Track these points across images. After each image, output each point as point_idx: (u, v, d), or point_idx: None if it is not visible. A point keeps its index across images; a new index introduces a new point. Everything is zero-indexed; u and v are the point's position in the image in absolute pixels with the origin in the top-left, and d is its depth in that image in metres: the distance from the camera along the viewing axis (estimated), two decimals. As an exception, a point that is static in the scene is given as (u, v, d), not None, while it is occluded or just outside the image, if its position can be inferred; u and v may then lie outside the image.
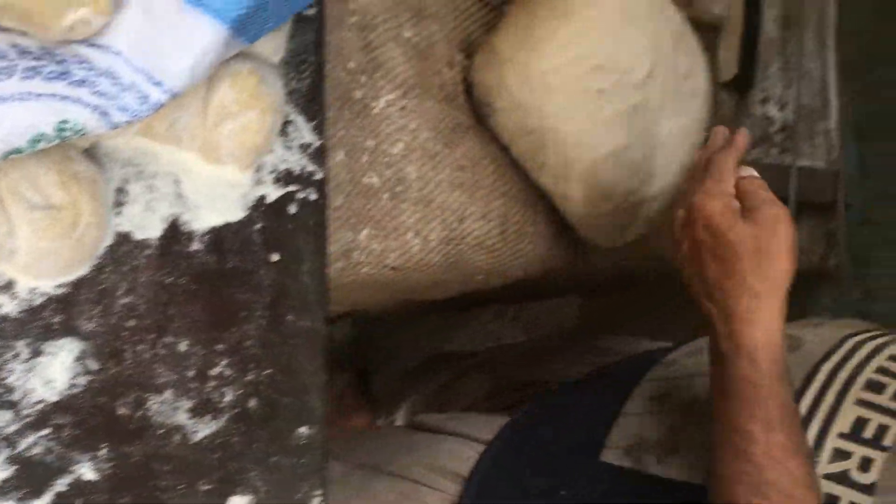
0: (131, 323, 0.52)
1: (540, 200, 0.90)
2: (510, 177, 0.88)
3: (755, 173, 0.63)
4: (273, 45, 0.57)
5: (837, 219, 1.30)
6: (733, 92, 1.19)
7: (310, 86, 0.61)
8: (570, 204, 0.87)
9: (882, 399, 0.63)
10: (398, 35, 0.81)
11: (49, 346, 0.49)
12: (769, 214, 0.59)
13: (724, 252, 0.59)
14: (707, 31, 1.10)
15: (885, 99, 1.29)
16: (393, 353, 1.78)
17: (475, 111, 0.85)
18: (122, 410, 0.52)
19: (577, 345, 1.07)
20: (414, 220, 0.81)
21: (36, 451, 0.49)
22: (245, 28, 0.50)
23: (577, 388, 0.87)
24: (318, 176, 0.61)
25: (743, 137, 0.65)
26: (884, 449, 0.60)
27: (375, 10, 0.79)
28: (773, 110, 1.25)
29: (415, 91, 0.82)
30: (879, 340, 0.70)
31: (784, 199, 0.63)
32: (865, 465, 0.60)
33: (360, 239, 0.78)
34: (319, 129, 0.61)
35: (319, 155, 0.61)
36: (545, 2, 0.81)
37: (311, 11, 0.61)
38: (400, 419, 1.35)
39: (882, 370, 0.65)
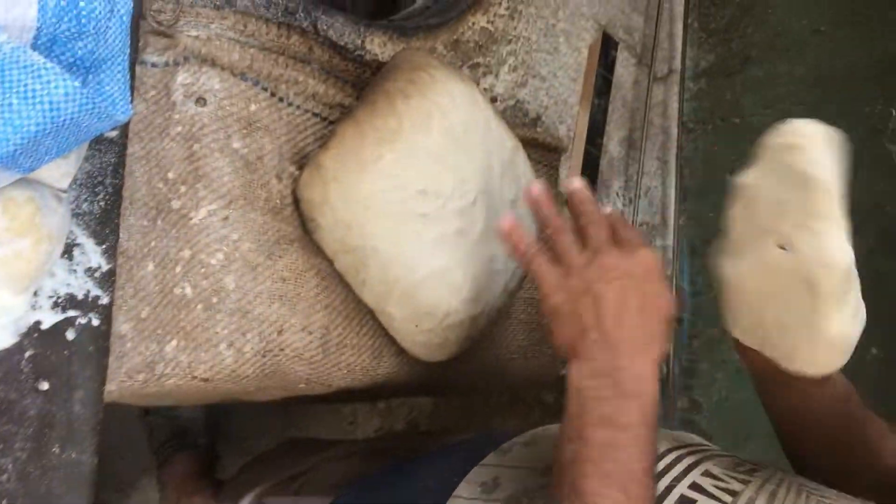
0: None
1: (366, 313, 0.91)
2: (334, 289, 0.89)
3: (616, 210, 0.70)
4: (60, 171, 0.57)
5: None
6: (574, 208, 1.24)
7: (103, 209, 0.60)
8: (392, 321, 0.88)
9: (692, 515, 0.64)
10: (226, 146, 0.81)
11: None
12: (643, 261, 0.65)
13: (599, 305, 0.62)
14: (549, 151, 1.16)
15: (713, 223, 1.38)
16: (242, 435, 1.73)
17: (303, 223, 0.86)
18: None
19: (429, 442, 1.08)
20: (228, 331, 0.81)
21: None
22: (16, 161, 0.50)
23: (416, 465, 0.88)
24: (104, 301, 0.60)
25: (577, 186, 0.71)
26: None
27: (204, 120, 0.80)
28: (612, 226, 1.31)
29: (239, 202, 0.82)
30: (698, 456, 0.73)
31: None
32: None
33: (166, 351, 0.76)
34: (109, 253, 0.60)
35: (107, 279, 0.60)
36: (375, 123, 0.83)
37: (114, 133, 0.61)
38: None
39: (695, 486, 0.67)
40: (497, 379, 1.14)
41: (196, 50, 0.78)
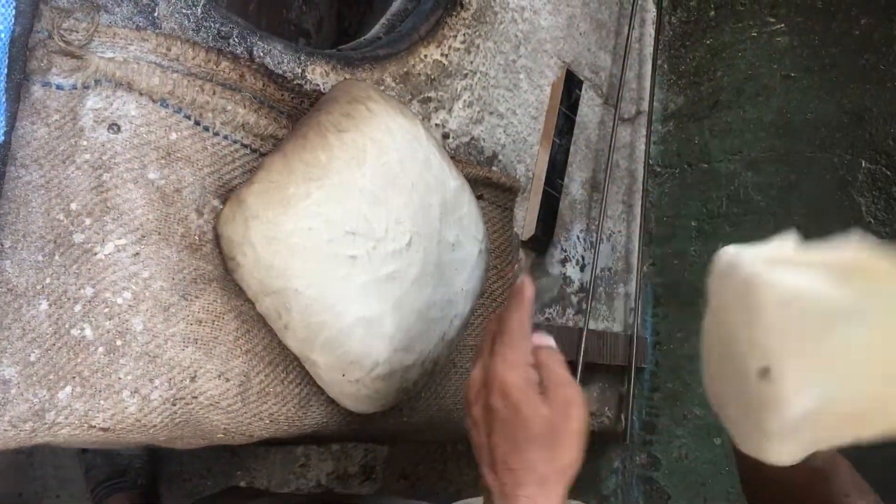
0: None
1: (292, 359, 0.85)
2: (256, 333, 0.83)
3: (552, 343, 0.64)
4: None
5: (629, 384, 1.31)
6: (531, 251, 1.19)
7: (-29, 244, 0.54)
8: (317, 369, 0.82)
9: None
10: (140, 176, 0.75)
11: None
12: (563, 396, 0.59)
13: (517, 428, 0.58)
14: (504, 191, 1.11)
15: (678, 270, 1.33)
16: (185, 477, 1.65)
17: (224, 262, 0.80)
18: None
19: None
20: (133, 377, 0.74)
21: None
22: None
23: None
24: (-35, 347, 0.53)
25: (527, 289, 0.65)
26: None
27: (116, 148, 0.74)
28: (572, 271, 1.26)
29: (153, 237, 0.76)
30: None
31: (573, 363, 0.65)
32: None
33: (59, 398, 0.70)
34: (-24, 293, 0.54)
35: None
36: (304, 157, 0.78)
37: (-11, 160, 0.55)
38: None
39: None
40: (444, 430, 1.07)
41: (110, 72, 0.73)
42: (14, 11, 0.51)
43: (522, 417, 0.58)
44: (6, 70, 0.52)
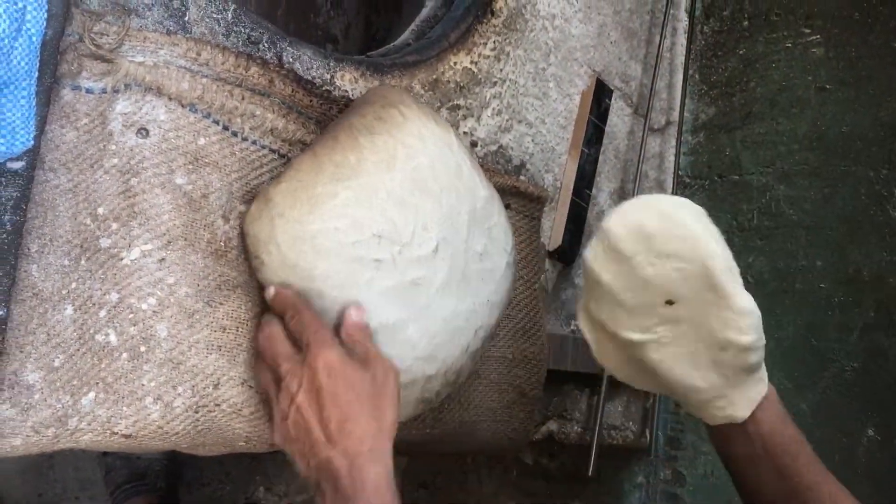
0: None
1: (315, 368, 0.84)
2: (281, 342, 0.82)
3: (356, 317, 0.74)
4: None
5: (654, 399, 1.29)
6: (557, 262, 1.17)
7: (-3, 249, 0.54)
8: None
9: None
10: (168, 181, 0.75)
11: None
12: (381, 364, 0.71)
13: (348, 395, 0.67)
14: (532, 201, 1.09)
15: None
16: (204, 482, 1.65)
17: (249, 261, 0.79)
18: None
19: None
20: (156, 384, 0.73)
21: None
22: None
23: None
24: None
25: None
26: None
27: (144, 153, 0.73)
28: (598, 283, 1.24)
29: (178, 242, 0.75)
30: None
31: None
32: None
33: (82, 404, 0.69)
34: (2, 300, 0.54)
35: (-4, 329, 0.53)
36: (334, 158, 0.77)
37: (18, 164, 0.55)
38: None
39: None
40: (465, 442, 1.06)
41: (140, 77, 0.73)
42: (46, 15, 0.50)
43: (350, 384, 0.67)
44: (37, 74, 0.51)
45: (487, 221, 0.88)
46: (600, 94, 1.21)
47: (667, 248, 0.72)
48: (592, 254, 0.77)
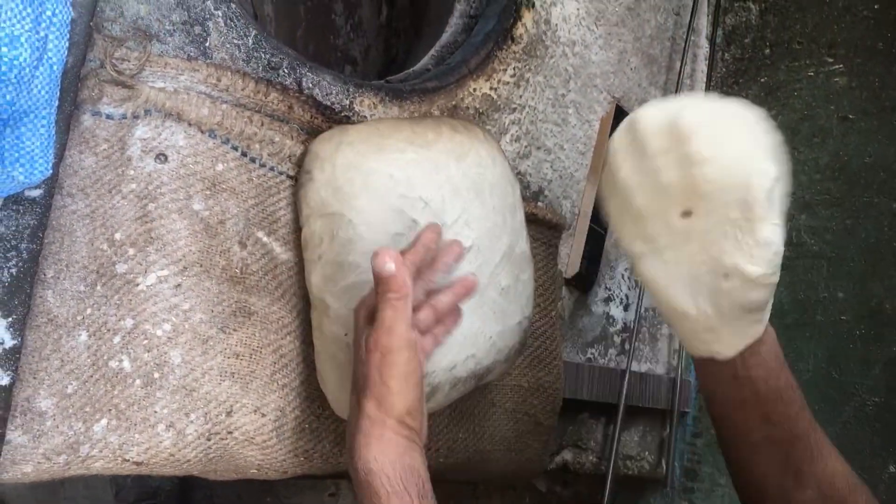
0: None
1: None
2: (294, 368, 0.81)
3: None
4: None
5: (671, 428, 1.27)
6: (574, 289, 1.16)
7: (14, 277, 0.54)
8: (323, 317, 0.78)
9: None
10: (185, 207, 0.75)
11: None
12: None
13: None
14: (549, 228, 1.08)
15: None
16: (217, 502, 1.64)
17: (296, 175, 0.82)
18: None
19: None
20: (169, 410, 0.73)
21: None
22: None
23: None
24: (3, 382, 0.52)
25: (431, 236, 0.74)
26: None
27: (163, 178, 0.73)
28: (615, 310, 1.23)
29: (194, 269, 0.75)
30: None
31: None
32: None
33: (94, 430, 0.69)
34: (16, 328, 0.53)
35: (10, 357, 0.53)
36: (415, 129, 0.83)
37: (36, 192, 0.55)
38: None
39: None
40: (479, 471, 1.04)
41: (160, 103, 0.73)
42: (67, 44, 0.50)
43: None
44: (57, 103, 0.51)
45: (519, 271, 0.88)
46: (620, 121, 1.20)
47: (705, 152, 0.63)
48: (618, 139, 0.70)
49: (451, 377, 0.82)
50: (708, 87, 1.34)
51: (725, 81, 1.35)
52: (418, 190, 0.80)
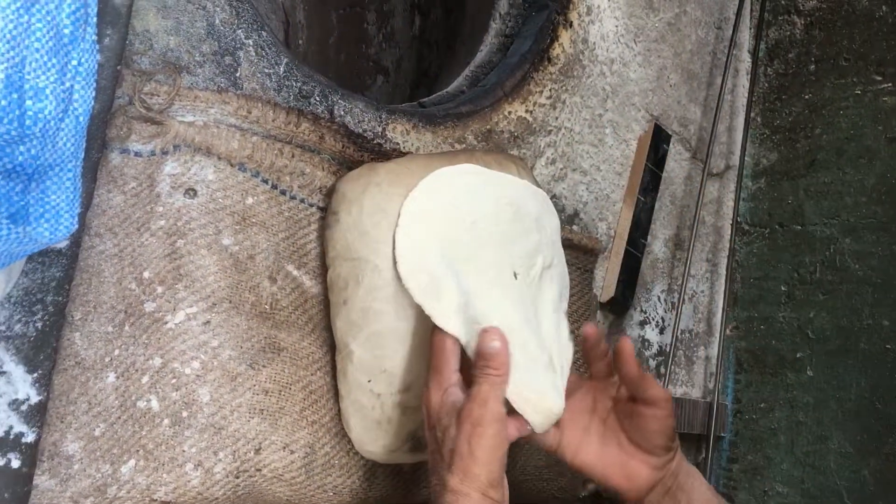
0: None
1: (358, 430, 0.81)
2: (324, 404, 0.80)
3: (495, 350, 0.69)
4: (-13, 290, 0.49)
5: (707, 453, 1.24)
6: (609, 313, 1.14)
7: (39, 331, 0.53)
8: (347, 363, 0.77)
9: None
10: (214, 242, 0.73)
11: None
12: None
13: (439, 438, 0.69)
14: (585, 253, 1.06)
15: (763, 336, 1.26)
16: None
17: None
18: None
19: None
20: (197, 449, 0.72)
21: None
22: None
23: None
24: (28, 438, 0.52)
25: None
26: None
27: (192, 213, 0.72)
28: (651, 333, 1.20)
29: (223, 305, 0.74)
30: None
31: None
32: None
33: (121, 472, 0.68)
34: (42, 383, 0.52)
35: (35, 413, 0.52)
36: (446, 158, 0.81)
37: (63, 244, 0.53)
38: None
39: None
40: (511, 502, 1.02)
41: (189, 138, 0.71)
42: (94, 93, 0.49)
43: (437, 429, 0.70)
44: (83, 154, 0.50)
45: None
46: (658, 140, 1.17)
47: None
48: None
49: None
50: (750, 103, 1.30)
51: (768, 97, 1.31)
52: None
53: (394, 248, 0.75)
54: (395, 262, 0.75)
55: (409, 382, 0.78)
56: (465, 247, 0.76)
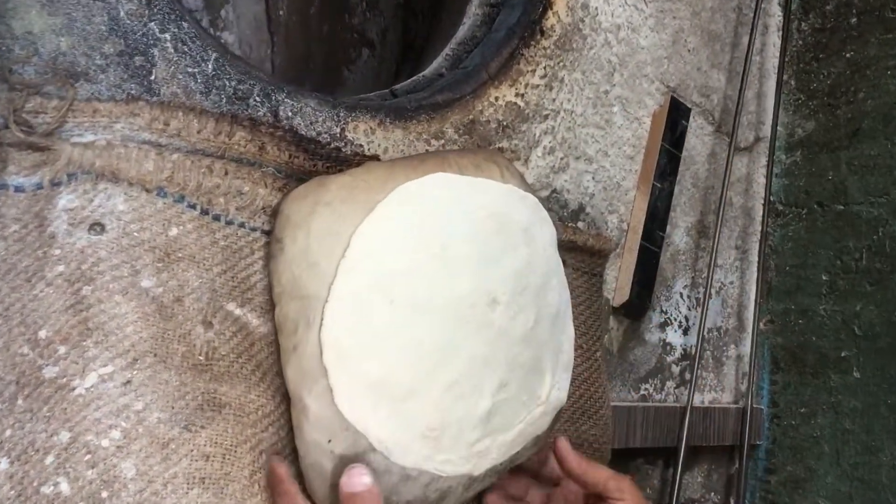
0: None
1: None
2: (280, 466, 0.68)
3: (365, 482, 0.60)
4: None
5: (740, 464, 1.11)
6: (623, 317, 1.00)
7: None
8: (303, 421, 0.64)
9: None
10: (131, 285, 0.61)
11: None
12: None
13: None
14: (593, 255, 0.92)
15: (802, 331, 1.11)
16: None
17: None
18: None
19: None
20: (123, 534, 0.60)
21: None
22: None
23: None
24: None
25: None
26: None
27: (100, 253, 0.59)
28: (673, 335, 1.06)
29: (147, 359, 0.61)
30: None
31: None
32: None
33: (25, 573, 0.56)
34: None
35: None
36: (410, 175, 0.66)
37: None
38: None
39: None
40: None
41: (87, 163, 0.58)
42: None
43: None
44: None
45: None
46: (675, 116, 1.02)
47: None
48: None
49: (463, 479, 0.67)
50: (782, 64, 1.13)
51: (802, 57, 1.14)
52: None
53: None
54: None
55: (377, 439, 0.65)
56: (428, 281, 0.63)
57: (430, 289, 0.63)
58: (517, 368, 0.70)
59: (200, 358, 0.64)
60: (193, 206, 0.64)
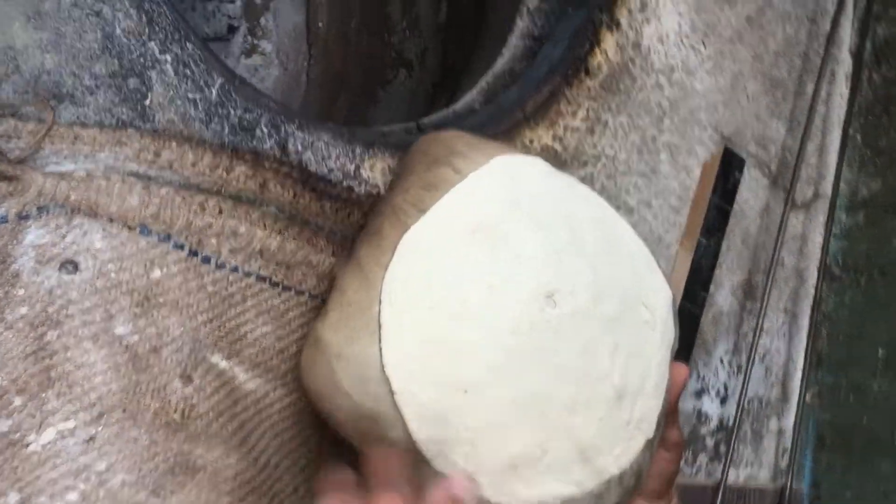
0: None
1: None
2: (257, 538, 0.61)
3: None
4: None
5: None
6: (656, 383, 0.91)
7: None
8: None
9: None
10: (103, 331, 0.55)
11: None
12: None
13: None
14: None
15: (853, 408, 1.02)
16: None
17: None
18: None
19: None
20: None
21: None
22: None
23: None
24: None
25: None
26: None
27: (70, 295, 0.53)
28: (709, 405, 0.98)
29: (114, 414, 0.55)
30: None
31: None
32: None
33: None
34: None
35: None
36: (382, 261, 0.58)
37: None
38: None
39: None
40: None
41: (61, 195, 0.52)
42: None
43: None
44: None
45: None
46: (728, 167, 0.94)
47: None
48: None
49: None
50: (849, 117, 1.04)
51: (872, 110, 1.06)
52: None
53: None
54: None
55: None
56: None
57: None
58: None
59: (175, 416, 0.58)
60: (181, 247, 0.58)
